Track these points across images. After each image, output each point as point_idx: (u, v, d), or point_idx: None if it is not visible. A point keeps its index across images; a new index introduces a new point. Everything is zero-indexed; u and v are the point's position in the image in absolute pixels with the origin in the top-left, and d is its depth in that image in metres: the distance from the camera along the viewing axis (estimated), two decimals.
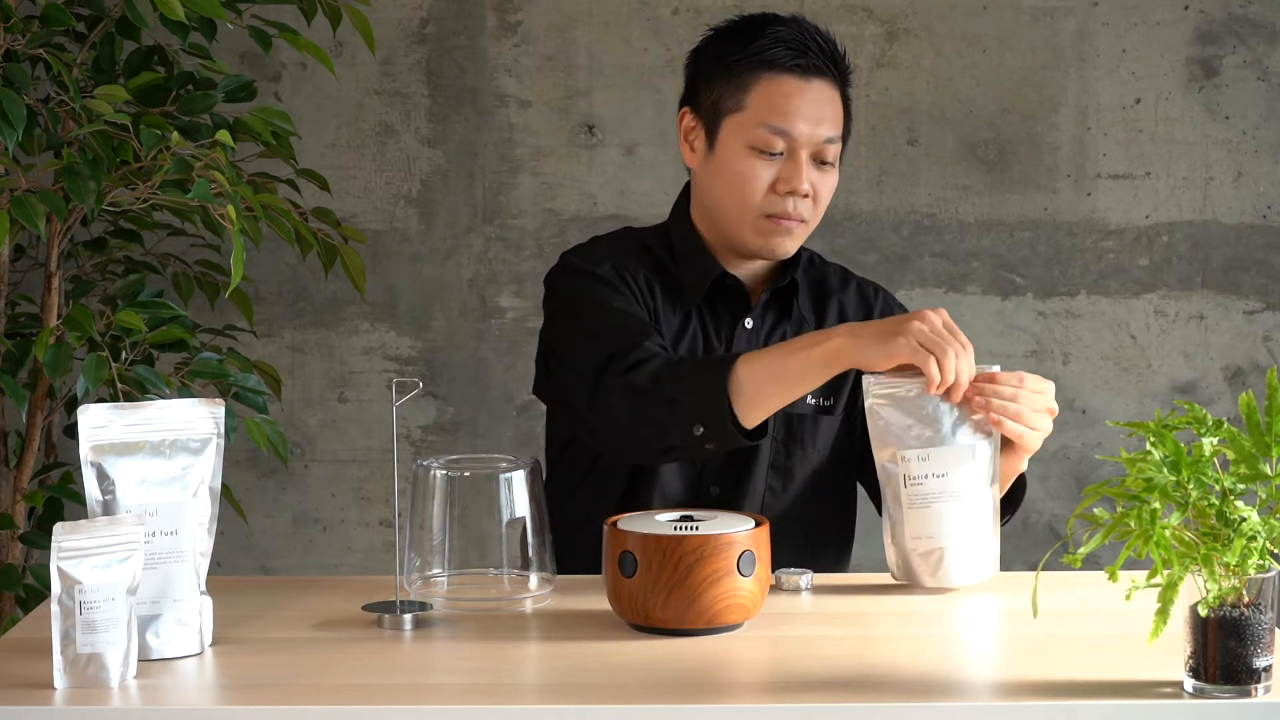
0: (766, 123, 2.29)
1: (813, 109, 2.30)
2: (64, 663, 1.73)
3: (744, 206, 2.32)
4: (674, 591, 1.89)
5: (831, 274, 2.47)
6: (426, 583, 2.04)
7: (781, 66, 2.30)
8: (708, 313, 2.38)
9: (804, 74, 2.30)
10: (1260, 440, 1.68)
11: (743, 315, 2.38)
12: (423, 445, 3.57)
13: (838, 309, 2.42)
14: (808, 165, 2.30)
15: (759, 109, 2.30)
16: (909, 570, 2.10)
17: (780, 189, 2.30)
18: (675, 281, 2.39)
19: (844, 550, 2.47)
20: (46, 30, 2.70)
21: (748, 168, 2.31)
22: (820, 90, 2.31)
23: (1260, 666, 1.67)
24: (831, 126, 2.31)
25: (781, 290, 2.39)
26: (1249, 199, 3.56)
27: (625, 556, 1.91)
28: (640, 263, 2.39)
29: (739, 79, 2.31)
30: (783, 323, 2.40)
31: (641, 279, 2.37)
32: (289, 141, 2.95)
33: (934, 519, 2.07)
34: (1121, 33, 3.52)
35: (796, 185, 2.29)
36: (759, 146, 2.29)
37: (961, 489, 2.07)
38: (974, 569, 2.09)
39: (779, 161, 2.30)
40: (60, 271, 2.86)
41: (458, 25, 3.51)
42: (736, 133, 2.31)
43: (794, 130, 2.29)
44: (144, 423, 1.87)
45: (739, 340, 2.37)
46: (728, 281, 2.37)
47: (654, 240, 2.43)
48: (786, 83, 2.30)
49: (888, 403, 2.08)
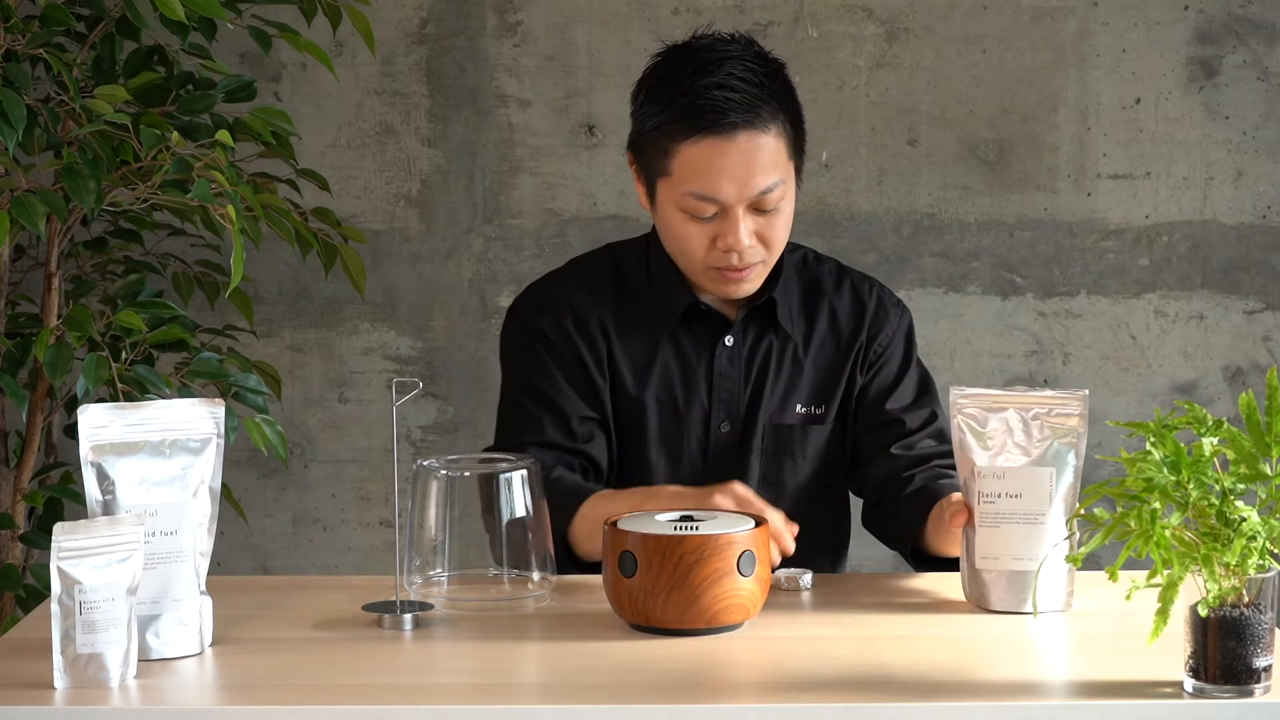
0: (691, 190, 2.22)
1: (739, 166, 2.21)
2: (64, 663, 1.74)
3: (689, 261, 2.29)
4: (674, 591, 1.88)
5: (825, 274, 2.42)
6: (426, 583, 2.04)
7: (699, 130, 2.21)
8: (684, 336, 2.36)
9: (725, 132, 2.20)
10: (1260, 440, 1.68)
11: (722, 334, 2.36)
12: (423, 445, 3.57)
13: (829, 314, 2.39)
14: (745, 219, 2.23)
15: (683, 176, 2.23)
16: (978, 591, 2.03)
17: (719, 245, 2.25)
18: (648, 305, 2.37)
19: (840, 556, 2.46)
20: (46, 30, 2.70)
21: (683, 230, 2.26)
22: (746, 142, 2.21)
23: (1260, 666, 1.67)
24: (766, 175, 2.22)
25: (763, 306, 2.36)
26: (1249, 199, 3.56)
27: (625, 556, 1.91)
28: (600, 299, 2.36)
29: (661, 145, 2.25)
30: (766, 336, 2.37)
31: (594, 325, 2.35)
32: (289, 141, 2.95)
33: (1003, 540, 2.00)
34: (1121, 33, 3.52)
35: (733, 244, 2.24)
36: (689, 211, 2.24)
37: (1036, 512, 2.00)
38: (1043, 597, 1.99)
39: (715, 221, 2.24)
40: (60, 271, 2.86)
41: (458, 25, 3.51)
42: (668, 196, 2.26)
43: (719, 195, 2.22)
44: (144, 423, 1.87)
45: (720, 359, 2.35)
46: (701, 308, 2.35)
47: (632, 257, 2.40)
48: (706, 146, 2.21)
49: (970, 415, 2.04)
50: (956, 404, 2.05)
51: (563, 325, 2.35)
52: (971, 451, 2.03)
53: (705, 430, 2.35)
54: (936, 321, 3.55)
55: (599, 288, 2.38)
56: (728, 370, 2.35)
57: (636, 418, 2.35)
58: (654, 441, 2.35)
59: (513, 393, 2.39)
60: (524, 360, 2.37)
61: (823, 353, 2.38)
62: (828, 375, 2.37)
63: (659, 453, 2.35)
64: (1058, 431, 2.01)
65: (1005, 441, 2.02)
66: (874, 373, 2.38)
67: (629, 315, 2.37)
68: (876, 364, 2.39)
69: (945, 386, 2.22)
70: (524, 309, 2.40)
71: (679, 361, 2.36)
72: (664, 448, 2.35)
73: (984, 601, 2.03)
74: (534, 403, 2.34)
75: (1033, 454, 2.01)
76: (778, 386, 2.36)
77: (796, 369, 2.36)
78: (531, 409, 2.34)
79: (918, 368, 2.43)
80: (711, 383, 2.35)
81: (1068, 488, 2.01)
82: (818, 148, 3.52)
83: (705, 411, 2.35)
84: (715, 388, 2.35)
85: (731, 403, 2.35)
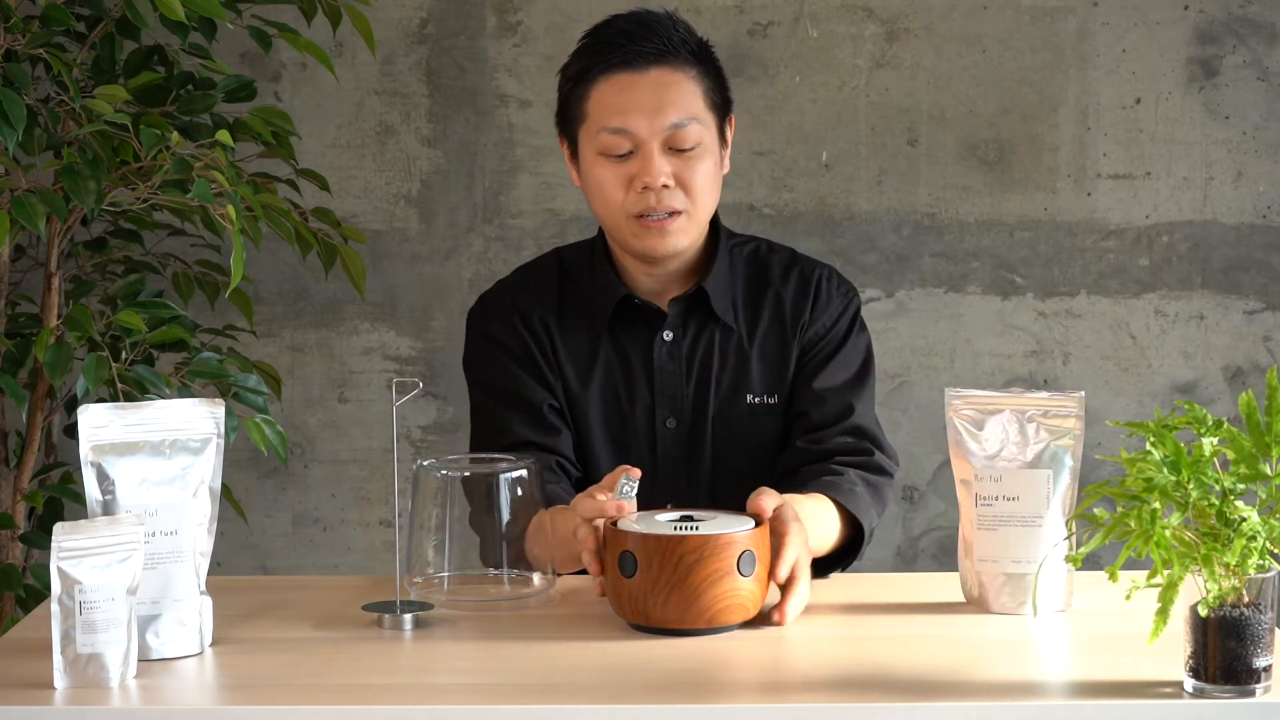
0: (605, 125, 2.26)
1: (650, 99, 2.25)
2: (64, 663, 1.73)
3: (611, 211, 2.29)
4: (674, 591, 1.88)
5: (776, 263, 2.41)
6: (426, 583, 2.04)
7: (610, 65, 2.26)
8: (622, 333, 2.36)
9: (635, 67, 2.26)
10: (1260, 440, 1.68)
11: (659, 329, 2.36)
12: (423, 445, 3.57)
13: (773, 302, 2.37)
14: (659, 156, 2.25)
15: (597, 113, 2.27)
16: (977, 593, 2.03)
17: (636, 186, 2.26)
18: (588, 303, 2.37)
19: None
20: (46, 30, 2.70)
21: (602, 173, 2.28)
22: (659, 77, 2.26)
23: (1260, 666, 1.67)
24: (678, 112, 2.26)
25: (693, 297, 2.35)
26: (1249, 199, 3.56)
27: (625, 557, 1.91)
28: (542, 299, 2.37)
29: (580, 89, 2.29)
30: (706, 329, 2.36)
31: (536, 322, 2.36)
32: (289, 141, 2.95)
33: (1001, 542, 2.00)
34: (1121, 33, 3.52)
35: (648, 180, 2.25)
36: (606, 151, 2.27)
37: (1033, 514, 2.00)
38: (1043, 598, 1.99)
39: (631, 160, 2.27)
40: (60, 271, 2.86)
41: (458, 25, 3.51)
42: (587, 142, 2.29)
43: (631, 126, 2.25)
44: (144, 423, 1.87)
45: (659, 354, 2.35)
46: (635, 301, 2.35)
47: (577, 258, 2.41)
48: (617, 80, 2.26)
49: (967, 417, 2.03)
50: (952, 406, 2.05)
51: (511, 324, 2.37)
52: (968, 454, 2.03)
53: (651, 427, 2.35)
54: (936, 321, 3.55)
55: (542, 288, 2.39)
56: (668, 365, 2.35)
57: (582, 415, 2.35)
58: (600, 439, 2.35)
59: (479, 401, 2.39)
60: (482, 367, 2.39)
61: (769, 342, 2.36)
62: (776, 364, 2.36)
63: (606, 450, 2.35)
64: (1054, 433, 2.01)
65: (1002, 444, 2.02)
66: (812, 354, 2.37)
67: (570, 313, 2.37)
68: (815, 346, 2.37)
69: (944, 387, 2.22)
70: (475, 319, 2.42)
71: (619, 358, 2.36)
72: (610, 445, 2.35)
73: (983, 603, 2.03)
74: (500, 405, 2.35)
75: (1029, 456, 2.01)
76: (724, 378, 2.35)
77: (742, 361, 2.35)
78: (499, 412, 2.34)
79: (859, 353, 2.39)
80: (652, 378, 2.35)
81: (1065, 489, 2.01)
82: (818, 148, 3.52)
83: (649, 408, 2.35)
84: (657, 383, 2.35)
85: (675, 398, 2.35)
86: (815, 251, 3.49)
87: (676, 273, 2.36)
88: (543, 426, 2.33)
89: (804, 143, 3.52)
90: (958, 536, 2.07)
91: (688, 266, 2.36)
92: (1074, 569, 1.93)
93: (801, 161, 3.53)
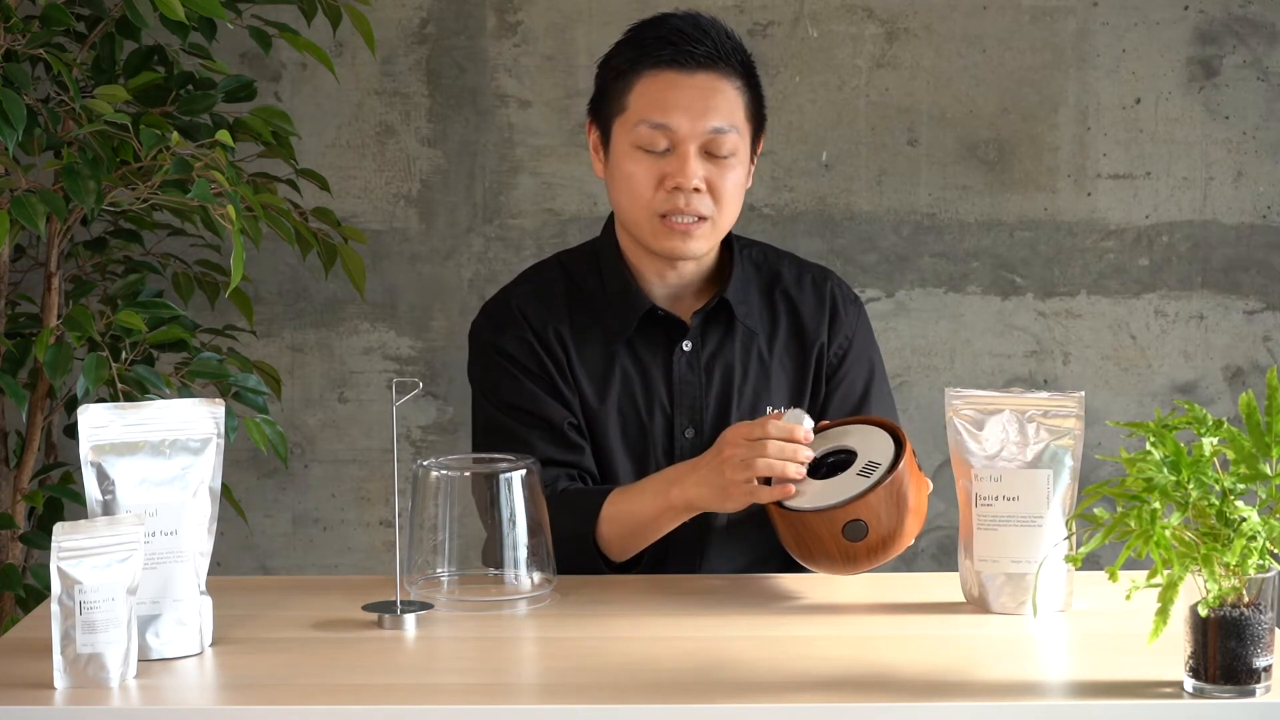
0: (646, 119, 2.27)
1: (695, 101, 2.27)
2: (64, 663, 1.74)
3: (637, 206, 2.29)
4: (910, 517, 2.04)
5: (786, 269, 2.41)
6: (426, 583, 2.04)
7: (660, 61, 2.27)
8: (640, 344, 2.35)
9: (684, 67, 2.27)
10: (1260, 440, 1.68)
11: (679, 339, 2.35)
12: (423, 445, 3.57)
13: (789, 310, 2.38)
14: (695, 159, 2.26)
15: (639, 106, 2.28)
16: (977, 593, 2.03)
17: (667, 185, 2.27)
18: (603, 315, 2.36)
19: None
20: (46, 30, 2.70)
21: (634, 166, 2.28)
22: (705, 81, 2.28)
23: (1260, 666, 1.67)
24: (720, 117, 2.27)
25: (714, 310, 2.35)
26: (1249, 199, 3.56)
27: (855, 525, 2.01)
28: (554, 312, 2.36)
29: (623, 80, 2.30)
30: (728, 340, 2.35)
31: (550, 335, 2.34)
32: (289, 141, 2.95)
33: (1001, 542, 2.00)
34: (1121, 33, 3.52)
35: (681, 181, 2.26)
36: (642, 145, 2.27)
37: (1033, 514, 2.00)
38: (1043, 598, 1.98)
39: (666, 158, 2.28)
40: (60, 271, 2.86)
41: (458, 25, 3.51)
42: (623, 134, 2.29)
43: (673, 123, 2.26)
44: (144, 423, 1.87)
45: (678, 364, 2.34)
46: (658, 313, 2.34)
47: (581, 267, 2.39)
48: (665, 77, 2.27)
49: (967, 417, 2.03)
50: (952, 406, 2.05)
51: (523, 339, 2.34)
52: (968, 454, 2.03)
53: (670, 438, 2.34)
54: (936, 321, 3.55)
55: (552, 301, 2.37)
56: (687, 375, 2.34)
57: (600, 428, 2.33)
58: (619, 452, 2.33)
59: (493, 417, 2.35)
60: (496, 381, 2.35)
61: (789, 353, 2.37)
62: (795, 375, 2.37)
63: (624, 461, 2.33)
64: (1054, 433, 2.01)
65: (1002, 444, 2.02)
66: (837, 375, 2.38)
67: (584, 326, 2.35)
68: (839, 366, 2.38)
69: (944, 387, 2.22)
70: (484, 331, 2.39)
71: (638, 370, 2.34)
72: (629, 456, 2.34)
73: (983, 603, 2.03)
74: (518, 423, 2.32)
75: (1029, 456, 2.01)
76: (746, 388, 2.34)
77: (763, 371, 2.35)
78: (517, 429, 2.32)
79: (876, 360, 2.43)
80: (671, 389, 2.34)
81: (1065, 489, 2.01)
82: (818, 148, 3.52)
83: (668, 419, 2.34)
84: (676, 394, 2.34)
85: (694, 408, 2.34)
86: (815, 251, 3.49)
87: (691, 279, 2.36)
88: (566, 445, 2.32)
89: (804, 143, 3.52)
90: (958, 536, 2.07)
91: (703, 273, 2.36)
92: (1074, 569, 1.93)
93: (801, 161, 3.53)
